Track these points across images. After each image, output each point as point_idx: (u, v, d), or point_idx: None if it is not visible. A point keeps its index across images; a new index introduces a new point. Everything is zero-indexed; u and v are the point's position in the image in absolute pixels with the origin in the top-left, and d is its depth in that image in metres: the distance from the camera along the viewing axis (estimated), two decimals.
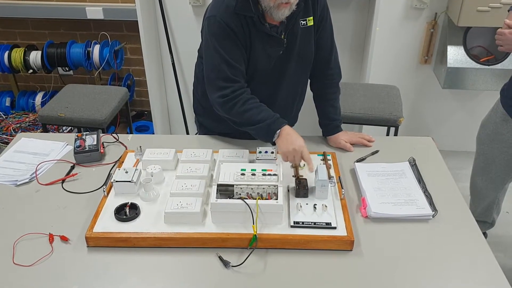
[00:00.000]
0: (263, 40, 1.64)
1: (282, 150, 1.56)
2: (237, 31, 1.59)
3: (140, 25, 3.02)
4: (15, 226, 1.44)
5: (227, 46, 1.61)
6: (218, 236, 1.35)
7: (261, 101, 1.76)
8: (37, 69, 3.43)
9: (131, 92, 3.65)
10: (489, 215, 2.49)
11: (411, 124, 3.56)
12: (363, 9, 3.17)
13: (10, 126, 3.42)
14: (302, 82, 1.86)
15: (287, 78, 1.76)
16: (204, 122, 1.97)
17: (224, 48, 1.60)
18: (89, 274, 1.27)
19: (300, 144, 1.54)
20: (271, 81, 1.73)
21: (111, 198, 1.51)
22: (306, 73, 1.83)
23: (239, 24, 1.59)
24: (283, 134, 1.57)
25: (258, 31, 1.62)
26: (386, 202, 1.50)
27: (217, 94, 1.63)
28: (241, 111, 1.62)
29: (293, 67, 1.74)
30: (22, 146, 1.87)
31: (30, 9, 3.30)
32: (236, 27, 1.59)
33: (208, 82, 1.68)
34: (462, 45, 3.02)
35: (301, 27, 1.68)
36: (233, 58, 1.61)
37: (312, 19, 1.69)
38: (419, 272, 1.28)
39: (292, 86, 1.82)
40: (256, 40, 1.63)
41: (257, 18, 1.58)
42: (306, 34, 1.70)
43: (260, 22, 1.60)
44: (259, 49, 1.65)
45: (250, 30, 1.61)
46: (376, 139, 1.88)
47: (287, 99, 1.83)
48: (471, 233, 1.42)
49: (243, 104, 1.61)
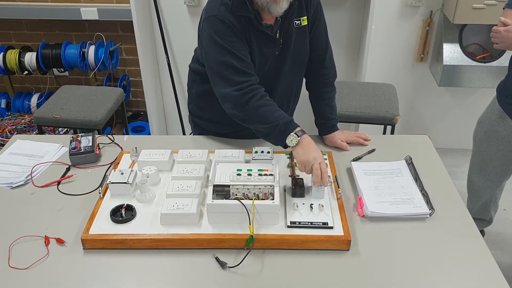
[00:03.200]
0: (260, 40, 1.63)
1: (301, 159, 1.50)
2: (239, 28, 1.58)
3: (135, 25, 3.01)
4: (10, 229, 1.43)
5: (233, 41, 1.57)
6: (215, 237, 1.34)
7: None
8: (32, 70, 3.42)
9: (127, 93, 3.65)
10: (486, 212, 2.49)
11: (407, 122, 3.56)
12: (359, 8, 3.17)
13: (5, 128, 3.41)
14: (297, 81, 1.86)
15: (282, 78, 1.75)
16: (198, 122, 1.96)
17: (231, 44, 1.57)
18: (85, 276, 1.26)
19: (320, 156, 1.49)
20: (266, 82, 1.72)
21: (107, 200, 1.50)
22: (301, 73, 1.83)
23: (237, 23, 1.58)
24: (304, 142, 1.52)
25: (255, 30, 1.61)
26: (383, 201, 1.50)
27: (232, 88, 1.57)
28: (256, 106, 1.56)
29: (288, 67, 1.73)
30: (17, 148, 1.86)
31: (24, 10, 3.30)
32: (237, 25, 1.57)
33: (219, 78, 1.61)
34: (458, 42, 3.02)
35: (296, 27, 1.67)
36: (242, 53, 1.58)
37: (306, 19, 1.68)
38: (417, 270, 1.27)
39: (287, 86, 1.81)
40: (253, 40, 1.63)
41: (254, 18, 1.58)
42: (301, 34, 1.70)
43: (257, 21, 1.59)
44: (256, 49, 1.65)
45: (247, 30, 1.60)
46: (372, 137, 1.88)
47: (282, 99, 1.83)
48: (468, 231, 1.42)
49: (260, 99, 1.57)
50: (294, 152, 1.54)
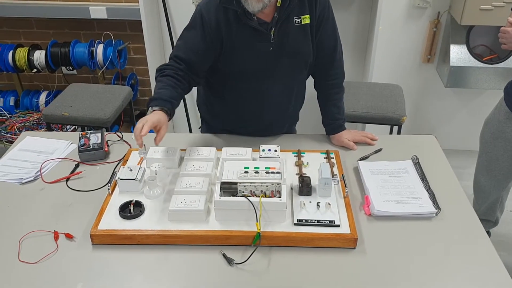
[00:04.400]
0: (250, 35, 1.64)
1: None
2: (214, 24, 1.62)
3: (144, 24, 3.03)
4: (20, 224, 1.45)
5: (192, 35, 1.66)
6: (222, 233, 1.35)
7: (252, 97, 1.79)
8: (41, 68, 3.45)
9: (135, 91, 3.66)
10: (492, 213, 2.49)
11: (414, 123, 3.56)
12: (366, 8, 3.18)
13: (14, 125, 3.43)
14: (298, 80, 1.84)
15: (279, 76, 1.75)
16: (206, 118, 1.99)
17: (189, 36, 1.67)
18: (93, 271, 1.28)
19: (151, 120, 1.51)
20: (261, 78, 1.73)
21: (116, 196, 1.52)
22: (301, 71, 1.81)
23: (221, 17, 1.61)
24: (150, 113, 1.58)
25: (244, 25, 1.62)
26: (389, 200, 1.51)
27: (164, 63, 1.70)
28: (156, 81, 1.66)
29: (285, 64, 1.73)
30: (26, 144, 1.88)
31: (34, 9, 3.32)
32: (215, 21, 1.61)
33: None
34: (465, 44, 3.02)
35: (295, 25, 1.67)
36: (191, 47, 1.67)
37: (309, 18, 1.68)
38: (422, 270, 1.28)
39: (286, 85, 1.81)
40: (242, 35, 1.64)
41: (241, 12, 1.59)
42: (301, 32, 1.69)
43: (245, 15, 1.60)
44: (246, 44, 1.66)
45: (234, 24, 1.62)
46: (379, 137, 1.88)
47: (281, 97, 1.83)
48: (475, 231, 1.42)
49: (160, 75, 1.66)
50: None
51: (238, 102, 1.82)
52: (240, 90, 1.78)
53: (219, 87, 1.83)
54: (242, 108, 1.84)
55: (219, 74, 1.76)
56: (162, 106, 1.58)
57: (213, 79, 1.81)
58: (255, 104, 1.81)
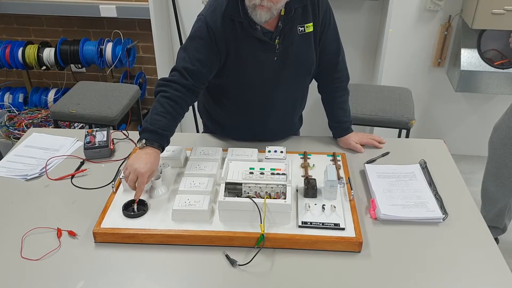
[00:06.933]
0: (254, 45, 1.62)
1: (128, 163, 1.47)
2: (220, 35, 1.58)
3: (153, 23, 3.03)
4: (23, 220, 1.44)
5: (198, 46, 1.59)
6: (225, 234, 1.34)
7: (257, 107, 1.77)
8: (50, 66, 3.46)
9: (143, 90, 3.67)
10: (500, 220, 2.46)
11: (423, 127, 3.53)
12: (376, 11, 3.15)
13: (22, 121, 3.45)
14: (301, 88, 1.82)
15: (284, 85, 1.73)
16: (207, 123, 1.97)
17: (195, 47, 1.60)
18: (96, 270, 1.27)
19: (143, 170, 1.42)
20: (266, 88, 1.71)
21: (120, 195, 1.51)
22: (305, 79, 1.79)
23: (226, 27, 1.57)
24: (141, 152, 1.47)
25: (249, 35, 1.60)
26: (396, 204, 1.49)
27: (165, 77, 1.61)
28: (156, 99, 1.57)
29: (289, 74, 1.70)
30: (33, 141, 1.88)
31: (44, 7, 3.33)
32: (221, 31, 1.57)
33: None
34: (476, 48, 2.99)
35: (299, 34, 1.64)
36: (198, 58, 1.59)
37: (312, 26, 1.65)
38: (428, 275, 1.26)
39: (290, 93, 1.79)
40: (246, 45, 1.61)
41: (246, 22, 1.56)
42: (305, 40, 1.66)
43: (250, 26, 1.58)
44: (250, 54, 1.63)
45: (239, 34, 1.59)
46: (387, 140, 1.86)
47: (286, 106, 1.81)
48: (482, 237, 1.40)
49: (162, 96, 1.57)
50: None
51: (242, 111, 1.80)
52: (243, 99, 1.76)
53: (221, 96, 1.80)
54: (245, 117, 1.81)
55: (221, 84, 1.73)
56: (159, 142, 1.51)
57: (215, 89, 1.79)
58: (259, 113, 1.79)
